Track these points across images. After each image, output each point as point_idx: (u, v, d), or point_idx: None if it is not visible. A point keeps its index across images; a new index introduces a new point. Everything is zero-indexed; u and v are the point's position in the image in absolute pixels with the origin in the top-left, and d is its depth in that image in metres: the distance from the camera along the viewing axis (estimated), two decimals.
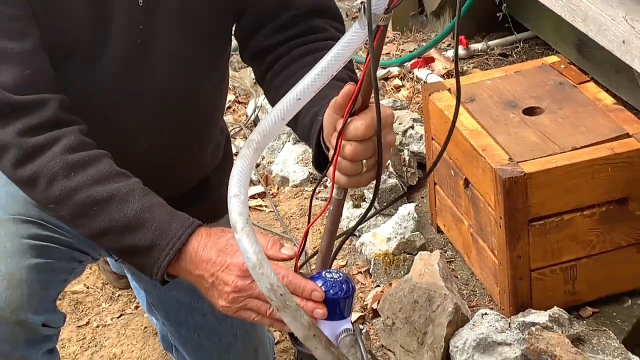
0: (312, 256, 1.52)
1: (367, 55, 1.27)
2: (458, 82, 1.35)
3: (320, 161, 1.53)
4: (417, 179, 2.90)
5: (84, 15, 1.55)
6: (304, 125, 1.53)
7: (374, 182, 1.41)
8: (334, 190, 1.41)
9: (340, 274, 1.40)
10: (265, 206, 3.03)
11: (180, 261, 1.44)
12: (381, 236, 2.61)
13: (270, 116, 1.32)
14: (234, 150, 2.19)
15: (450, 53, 3.62)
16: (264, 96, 3.58)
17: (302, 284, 1.35)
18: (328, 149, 1.46)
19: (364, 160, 1.38)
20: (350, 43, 1.28)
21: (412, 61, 3.59)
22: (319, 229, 2.75)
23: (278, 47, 1.66)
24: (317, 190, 1.60)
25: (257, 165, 3.26)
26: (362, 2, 1.23)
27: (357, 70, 1.91)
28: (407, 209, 2.67)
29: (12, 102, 1.48)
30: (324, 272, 1.39)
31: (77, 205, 1.47)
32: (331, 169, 1.39)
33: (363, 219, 1.54)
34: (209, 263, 1.42)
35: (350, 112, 1.35)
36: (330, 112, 1.39)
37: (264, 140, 1.31)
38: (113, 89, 1.64)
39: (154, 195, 1.50)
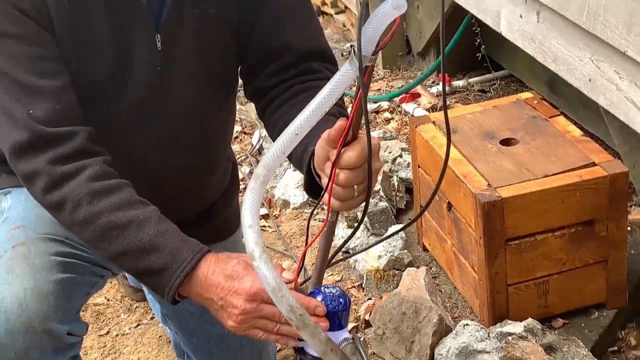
0: (307, 280, 1.53)
1: (358, 92, 1.27)
2: (448, 129, 1.35)
3: (311, 186, 1.53)
4: (405, 202, 2.90)
5: (108, 59, 1.57)
6: (297, 155, 1.53)
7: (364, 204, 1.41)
8: (329, 213, 1.41)
9: (337, 289, 1.40)
10: (269, 226, 3.02)
11: (191, 284, 1.44)
12: (373, 254, 2.60)
13: (272, 151, 1.33)
14: (240, 177, 2.19)
15: (434, 89, 3.64)
16: None
17: (306, 302, 1.35)
18: (319, 176, 1.46)
19: (355, 186, 1.38)
20: (341, 82, 1.29)
21: (401, 96, 3.60)
22: (317, 247, 2.75)
23: (277, 87, 1.67)
24: (314, 213, 1.60)
25: None
26: (351, 45, 1.24)
27: (348, 105, 1.92)
28: (395, 230, 2.66)
29: (44, 134, 1.48)
30: (323, 288, 1.40)
31: (99, 229, 1.47)
32: (326, 195, 1.39)
33: (352, 235, 1.54)
34: (218, 287, 1.42)
35: (342, 144, 1.35)
36: (322, 143, 1.40)
37: (268, 173, 1.32)
38: (132, 122, 1.64)
39: (169, 222, 1.50)
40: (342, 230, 2.73)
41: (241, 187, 2.38)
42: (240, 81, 1.79)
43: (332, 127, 1.37)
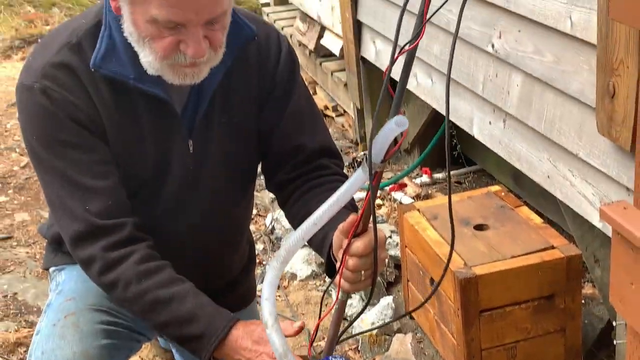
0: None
1: (367, 193, 1.28)
2: (452, 233, 1.36)
3: (329, 268, 1.53)
4: (394, 277, 2.88)
5: (150, 161, 1.59)
6: (317, 242, 1.54)
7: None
8: (340, 293, 1.40)
9: (343, 358, 1.39)
10: (278, 296, 3.00)
11: (224, 348, 1.45)
12: (367, 321, 2.59)
13: (294, 236, 1.33)
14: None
15: (418, 180, 3.65)
16: (279, 211, 3.60)
17: None
18: (336, 260, 1.46)
19: (363, 272, 1.38)
20: (355, 183, 1.30)
21: (390, 186, 3.62)
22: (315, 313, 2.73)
23: (295, 181, 1.67)
24: (327, 289, 1.60)
25: None
26: (364, 154, 1.26)
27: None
28: (386, 300, 2.65)
29: (99, 226, 1.50)
30: (330, 357, 1.39)
31: (146, 304, 1.48)
32: (337, 277, 1.39)
33: (360, 314, 1.52)
34: (245, 350, 1.43)
35: (353, 235, 1.36)
36: (338, 233, 1.41)
37: (288, 254, 1.33)
38: (169, 212, 1.65)
39: (203, 295, 1.50)
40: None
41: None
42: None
43: (346, 219, 1.37)
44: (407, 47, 1.16)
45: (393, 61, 1.17)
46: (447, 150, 1.36)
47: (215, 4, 1.39)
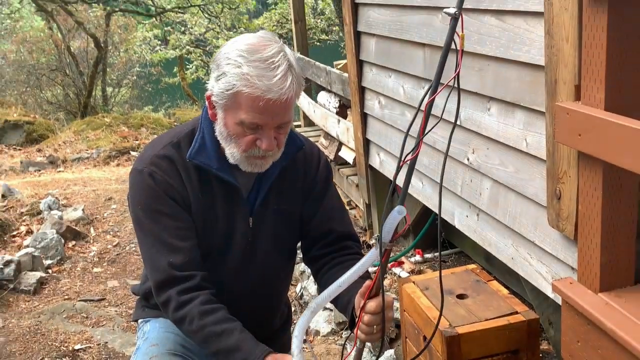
0: None
1: (378, 267, 1.32)
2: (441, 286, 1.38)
3: (352, 323, 1.55)
4: (395, 334, 2.85)
5: (220, 232, 1.62)
6: (344, 303, 1.57)
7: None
8: (357, 343, 1.43)
9: None
10: (305, 347, 2.95)
11: None
12: None
13: (323, 295, 1.38)
14: None
15: (413, 259, 3.64)
16: (306, 281, 3.60)
17: None
18: (356, 317, 1.49)
19: (375, 326, 1.40)
20: (369, 259, 1.35)
21: (391, 263, 3.62)
22: None
23: (325, 257, 1.71)
24: (347, 339, 1.60)
25: None
26: (377, 236, 1.29)
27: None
28: (389, 352, 2.62)
29: (177, 276, 1.53)
30: None
31: (204, 336, 1.50)
32: (355, 329, 1.42)
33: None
34: None
35: (368, 297, 1.39)
36: (358, 296, 1.44)
37: (317, 307, 1.37)
38: (231, 274, 1.67)
39: (246, 332, 1.52)
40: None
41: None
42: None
43: (362, 285, 1.42)
44: (409, 157, 1.23)
45: (399, 168, 1.23)
46: (439, 244, 1.40)
47: (285, 113, 1.47)
